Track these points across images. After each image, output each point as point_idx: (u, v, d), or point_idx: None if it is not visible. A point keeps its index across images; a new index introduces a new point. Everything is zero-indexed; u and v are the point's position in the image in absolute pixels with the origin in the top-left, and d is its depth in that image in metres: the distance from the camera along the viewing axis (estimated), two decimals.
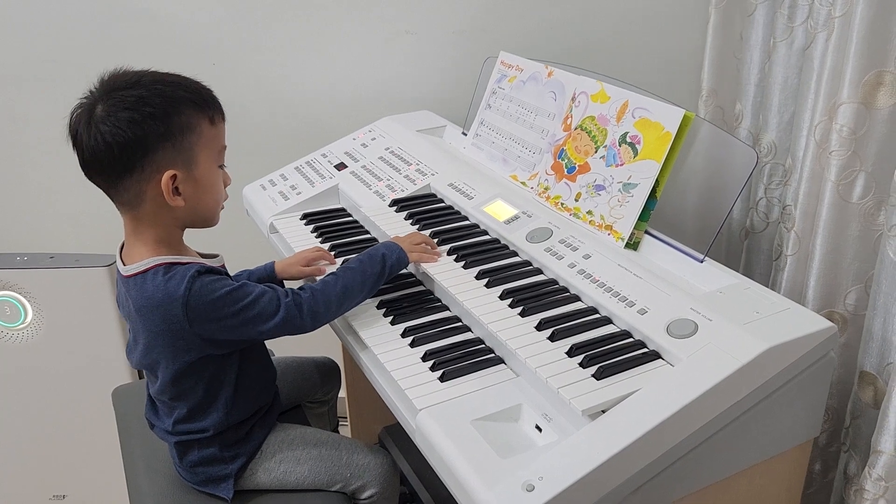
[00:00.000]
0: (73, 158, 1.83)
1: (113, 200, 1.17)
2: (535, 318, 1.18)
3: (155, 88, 1.12)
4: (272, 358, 1.62)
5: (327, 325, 1.35)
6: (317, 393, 1.62)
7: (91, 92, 1.13)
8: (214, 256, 1.26)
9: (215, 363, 1.21)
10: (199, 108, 1.15)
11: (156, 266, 1.14)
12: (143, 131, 1.09)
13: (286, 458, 1.31)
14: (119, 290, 1.23)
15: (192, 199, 1.16)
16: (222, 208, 1.24)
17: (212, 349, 1.18)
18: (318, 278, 1.34)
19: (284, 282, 1.42)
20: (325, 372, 1.63)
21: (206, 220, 1.21)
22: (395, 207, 1.56)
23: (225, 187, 1.23)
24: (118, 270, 1.20)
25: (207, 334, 1.15)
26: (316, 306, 1.20)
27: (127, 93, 1.10)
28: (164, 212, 1.15)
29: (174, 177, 1.12)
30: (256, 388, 1.29)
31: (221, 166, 1.21)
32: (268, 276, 1.42)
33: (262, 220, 1.68)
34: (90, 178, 1.15)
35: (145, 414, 1.33)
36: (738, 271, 1.24)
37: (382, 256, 1.29)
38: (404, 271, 1.40)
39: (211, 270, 1.16)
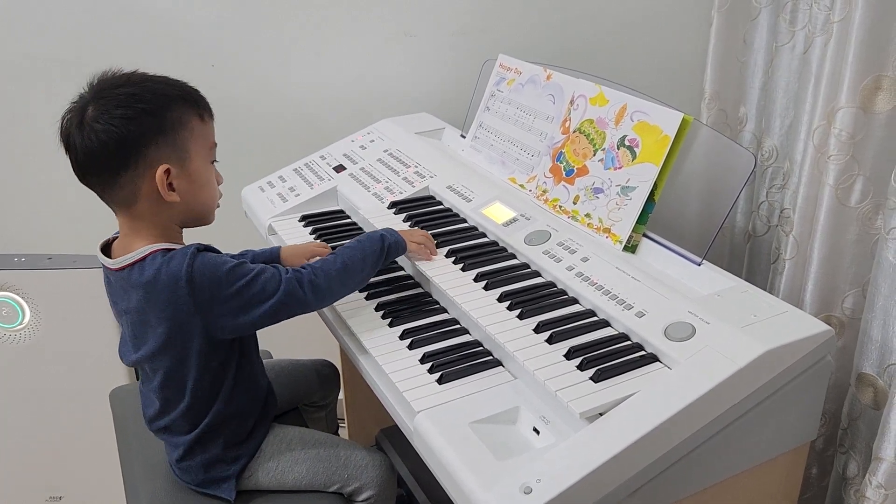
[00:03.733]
0: None
1: (108, 201, 1.17)
2: (534, 321, 1.18)
3: (145, 86, 1.14)
4: (271, 359, 1.62)
5: (326, 326, 1.35)
6: (314, 396, 1.62)
7: (81, 96, 1.14)
8: None
9: (222, 352, 1.20)
10: (189, 104, 1.17)
11: (153, 252, 1.13)
12: (137, 126, 1.11)
13: (284, 459, 1.31)
14: (111, 287, 1.22)
15: (186, 195, 1.17)
16: (218, 206, 1.25)
17: (217, 333, 1.17)
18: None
19: None
20: (323, 375, 1.62)
21: (202, 216, 1.22)
22: (393, 209, 1.56)
23: (218, 185, 1.24)
24: (105, 266, 1.19)
25: (212, 315, 1.14)
26: (317, 280, 1.20)
27: (118, 91, 1.12)
28: (160, 209, 1.16)
29: (168, 171, 1.13)
30: (252, 380, 1.29)
31: (213, 163, 1.22)
32: (272, 259, 1.43)
33: (260, 221, 1.68)
34: (84, 181, 1.15)
35: (146, 420, 1.31)
36: (740, 275, 1.24)
37: (381, 237, 1.30)
38: (402, 272, 1.40)
39: (210, 248, 1.16)
